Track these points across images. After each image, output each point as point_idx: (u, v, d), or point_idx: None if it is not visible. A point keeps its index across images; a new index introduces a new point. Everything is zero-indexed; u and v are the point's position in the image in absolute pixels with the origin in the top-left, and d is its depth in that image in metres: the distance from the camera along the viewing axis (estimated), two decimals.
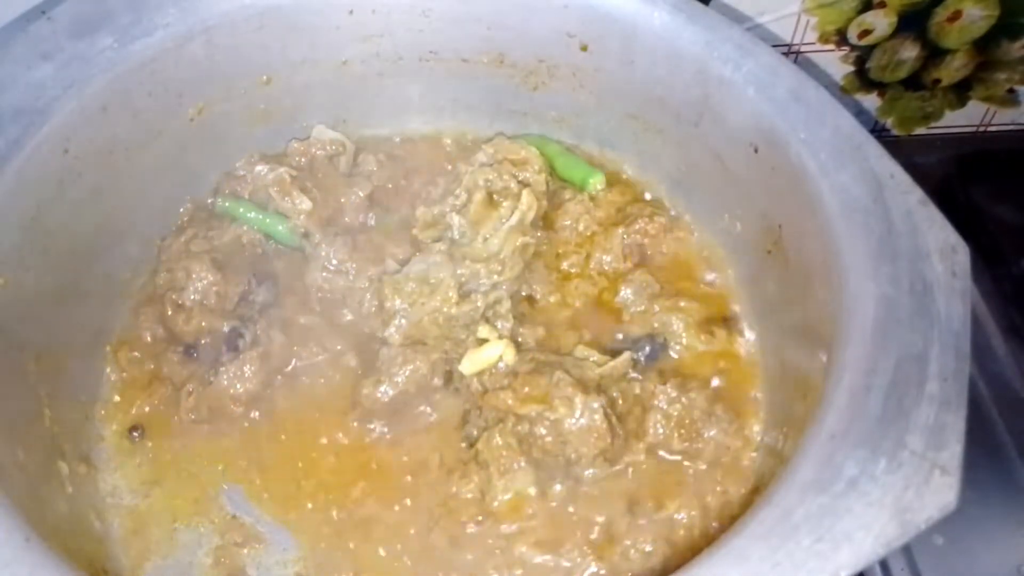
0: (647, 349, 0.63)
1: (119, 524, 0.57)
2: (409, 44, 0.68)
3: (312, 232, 0.65)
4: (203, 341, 0.63)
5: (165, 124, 0.63)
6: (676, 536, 0.56)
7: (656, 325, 0.64)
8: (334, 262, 0.64)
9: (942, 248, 0.52)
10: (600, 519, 0.57)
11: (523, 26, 0.66)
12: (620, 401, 0.59)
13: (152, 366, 0.63)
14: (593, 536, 0.56)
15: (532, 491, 0.57)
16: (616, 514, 0.57)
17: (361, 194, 0.68)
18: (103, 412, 0.61)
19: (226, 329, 0.62)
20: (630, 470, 0.59)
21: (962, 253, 0.52)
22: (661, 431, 0.59)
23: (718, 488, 0.58)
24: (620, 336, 0.65)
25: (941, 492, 0.44)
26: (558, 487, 0.58)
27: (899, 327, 0.49)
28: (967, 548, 0.63)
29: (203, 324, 0.63)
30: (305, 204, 0.65)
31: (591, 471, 0.58)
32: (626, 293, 0.66)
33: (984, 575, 0.63)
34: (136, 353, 0.63)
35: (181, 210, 0.68)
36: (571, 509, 0.57)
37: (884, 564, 0.63)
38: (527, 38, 0.67)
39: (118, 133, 0.60)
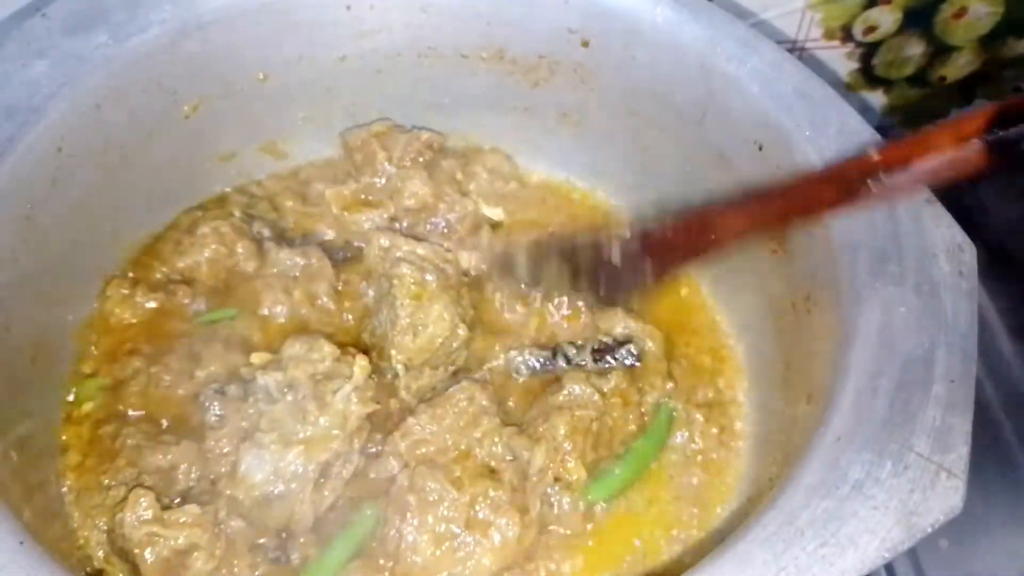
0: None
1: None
2: (408, 40, 0.67)
3: None
4: None
5: (160, 122, 0.62)
6: None
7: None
8: None
9: (949, 247, 0.52)
10: None
11: (523, 21, 0.65)
12: None
13: None
14: None
15: None
16: None
17: None
18: None
19: None
20: None
21: (969, 253, 0.52)
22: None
23: None
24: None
25: (947, 495, 0.43)
26: None
27: (905, 328, 0.49)
28: (973, 551, 0.63)
29: None
30: None
31: None
32: None
33: None
34: None
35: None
36: None
37: (890, 568, 0.62)
38: (527, 34, 0.66)
39: (112, 131, 0.59)
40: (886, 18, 0.80)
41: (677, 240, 0.57)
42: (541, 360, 0.62)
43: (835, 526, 0.42)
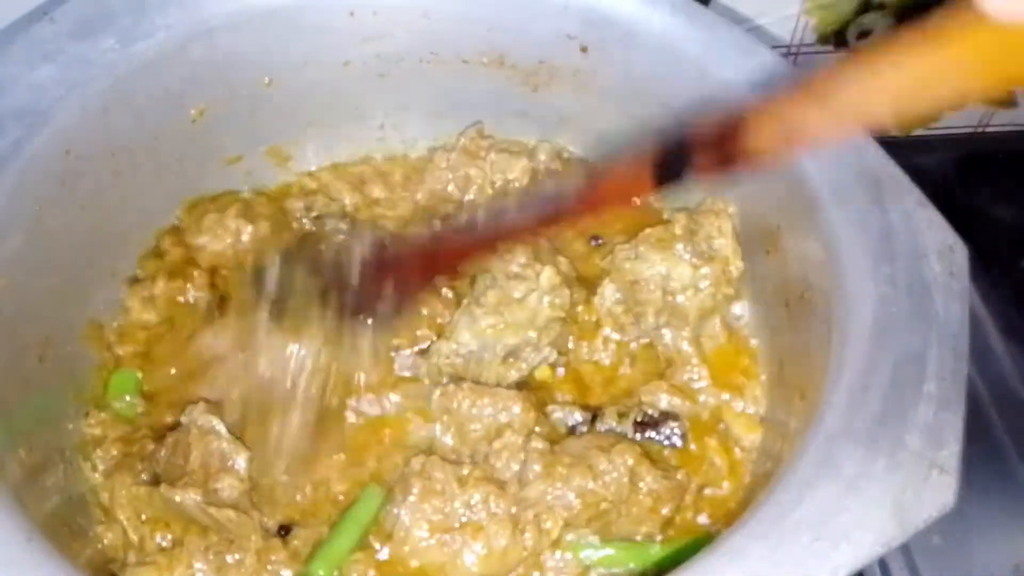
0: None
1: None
2: (410, 45, 0.68)
3: None
4: None
5: (166, 125, 0.63)
6: None
7: None
8: None
9: (940, 249, 0.52)
10: None
11: (523, 27, 0.66)
12: None
13: None
14: None
15: None
16: None
17: None
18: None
19: None
20: None
21: (960, 253, 0.52)
22: None
23: None
24: None
25: (939, 491, 0.44)
26: None
27: (897, 327, 0.49)
28: (965, 547, 0.63)
29: None
30: None
31: None
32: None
33: (982, 574, 0.63)
34: None
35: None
36: None
37: (883, 563, 0.63)
38: (527, 39, 0.67)
39: (119, 134, 0.60)
40: (880, 23, 0.81)
41: (420, 258, 0.59)
42: (580, 420, 0.60)
43: (829, 521, 0.43)
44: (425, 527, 0.54)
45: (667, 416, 0.60)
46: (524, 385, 0.62)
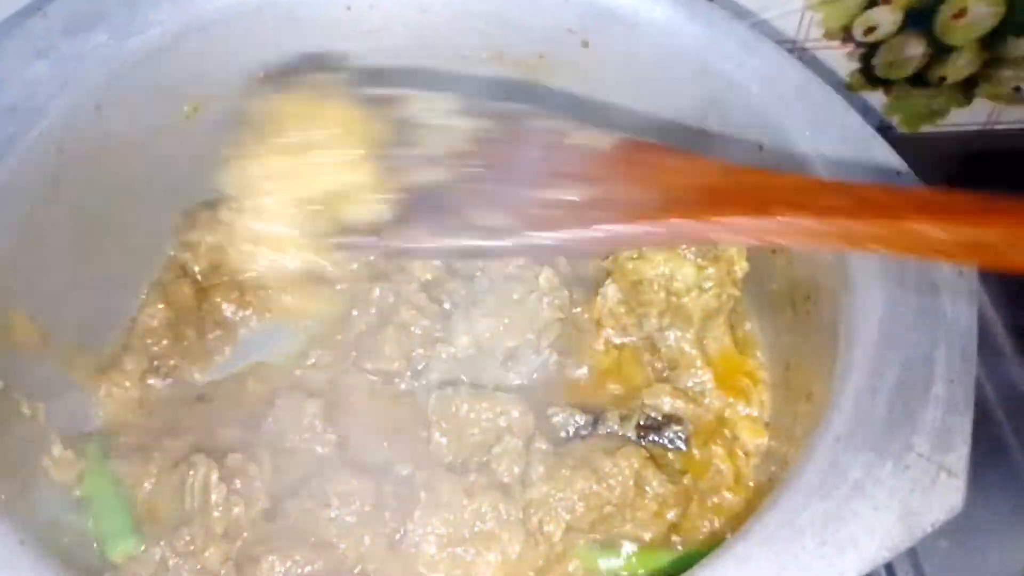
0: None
1: None
2: (407, 40, 0.67)
3: None
4: None
5: (161, 122, 0.62)
6: None
7: None
8: None
9: None
10: None
11: (523, 22, 0.65)
12: None
13: None
14: None
15: None
16: None
17: None
18: None
19: None
20: None
21: None
22: None
23: None
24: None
25: (947, 495, 0.43)
26: None
27: (905, 328, 0.49)
28: (973, 551, 0.63)
29: None
30: None
31: None
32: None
33: None
34: None
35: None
36: None
37: (890, 567, 0.62)
38: (527, 34, 0.66)
39: (113, 131, 0.59)
40: (886, 19, 0.80)
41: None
42: (581, 423, 0.59)
43: (835, 526, 0.42)
44: (434, 542, 0.53)
45: (670, 419, 0.60)
46: (524, 388, 0.61)
